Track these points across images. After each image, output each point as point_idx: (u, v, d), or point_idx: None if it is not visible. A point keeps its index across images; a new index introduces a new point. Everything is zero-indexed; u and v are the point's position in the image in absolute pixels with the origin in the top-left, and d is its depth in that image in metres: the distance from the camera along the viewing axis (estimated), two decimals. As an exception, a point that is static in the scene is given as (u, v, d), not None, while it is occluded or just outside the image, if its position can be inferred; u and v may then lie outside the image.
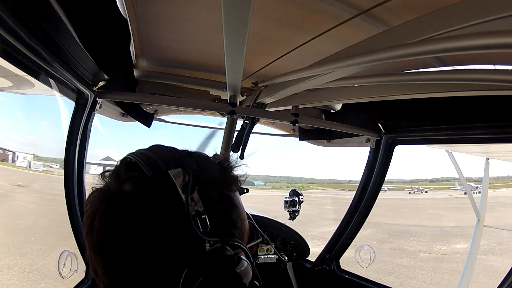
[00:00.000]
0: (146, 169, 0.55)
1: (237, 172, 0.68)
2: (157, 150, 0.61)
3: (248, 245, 0.67)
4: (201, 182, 0.57)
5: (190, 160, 0.59)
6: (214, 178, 0.63)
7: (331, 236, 2.40)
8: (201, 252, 0.54)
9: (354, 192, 2.27)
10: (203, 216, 0.55)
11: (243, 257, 0.59)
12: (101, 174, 0.61)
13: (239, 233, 0.63)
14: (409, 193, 43.10)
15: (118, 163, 0.61)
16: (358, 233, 2.25)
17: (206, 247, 0.55)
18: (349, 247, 2.36)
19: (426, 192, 44.00)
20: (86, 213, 0.58)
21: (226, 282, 0.55)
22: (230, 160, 0.68)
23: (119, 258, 0.54)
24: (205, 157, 0.67)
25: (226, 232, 0.60)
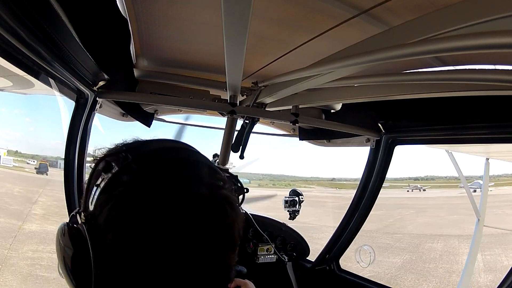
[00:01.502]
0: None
1: None
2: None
3: None
4: None
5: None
6: None
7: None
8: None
9: (344, 190, 2.27)
10: None
11: None
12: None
13: None
14: (407, 191, 40.76)
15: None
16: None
17: None
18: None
19: (424, 190, 41.89)
20: None
21: None
22: None
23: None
24: None
25: None
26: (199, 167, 0.60)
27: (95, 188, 0.57)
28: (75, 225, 0.57)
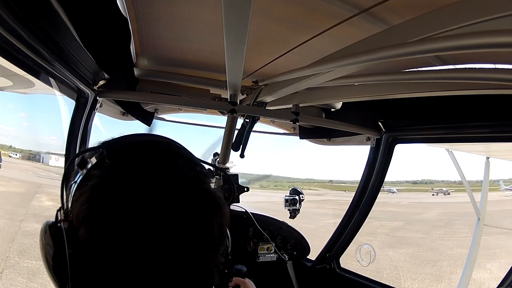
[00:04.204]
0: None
1: None
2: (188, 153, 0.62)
3: None
4: None
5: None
6: None
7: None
8: None
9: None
10: None
11: None
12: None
13: None
14: (433, 195, 38.36)
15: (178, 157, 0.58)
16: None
17: None
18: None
19: (449, 194, 38.51)
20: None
21: None
22: None
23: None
24: None
25: None
26: (176, 160, 0.57)
27: (74, 185, 0.56)
28: (55, 223, 0.56)
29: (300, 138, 2.46)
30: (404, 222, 17.90)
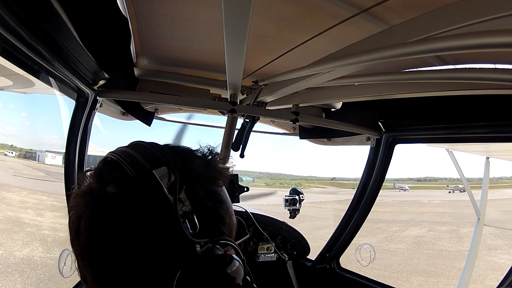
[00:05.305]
0: (129, 169, 0.53)
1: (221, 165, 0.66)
2: (139, 148, 0.58)
3: (238, 242, 0.63)
4: (187, 180, 0.55)
5: (174, 157, 0.58)
6: (200, 174, 0.60)
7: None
8: (192, 255, 0.53)
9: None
10: (192, 216, 0.54)
11: (234, 256, 0.56)
12: (81, 173, 0.59)
13: (227, 229, 0.61)
14: (449, 192, 37.46)
15: (99, 163, 0.58)
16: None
17: (197, 249, 0.53)
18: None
19: (464, 191, 38.48)
20: (70, 219, 0.56)
21: (220, 283, 0.52)
22: (214, 152, 0.65)
23: (108, 265, 0.52)
24: (189, 151, 0.63)
25: (215, 230, 0.58)
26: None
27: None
28: None
29: (300, 138, 2.46)
30: (492, 227, 14.61)
